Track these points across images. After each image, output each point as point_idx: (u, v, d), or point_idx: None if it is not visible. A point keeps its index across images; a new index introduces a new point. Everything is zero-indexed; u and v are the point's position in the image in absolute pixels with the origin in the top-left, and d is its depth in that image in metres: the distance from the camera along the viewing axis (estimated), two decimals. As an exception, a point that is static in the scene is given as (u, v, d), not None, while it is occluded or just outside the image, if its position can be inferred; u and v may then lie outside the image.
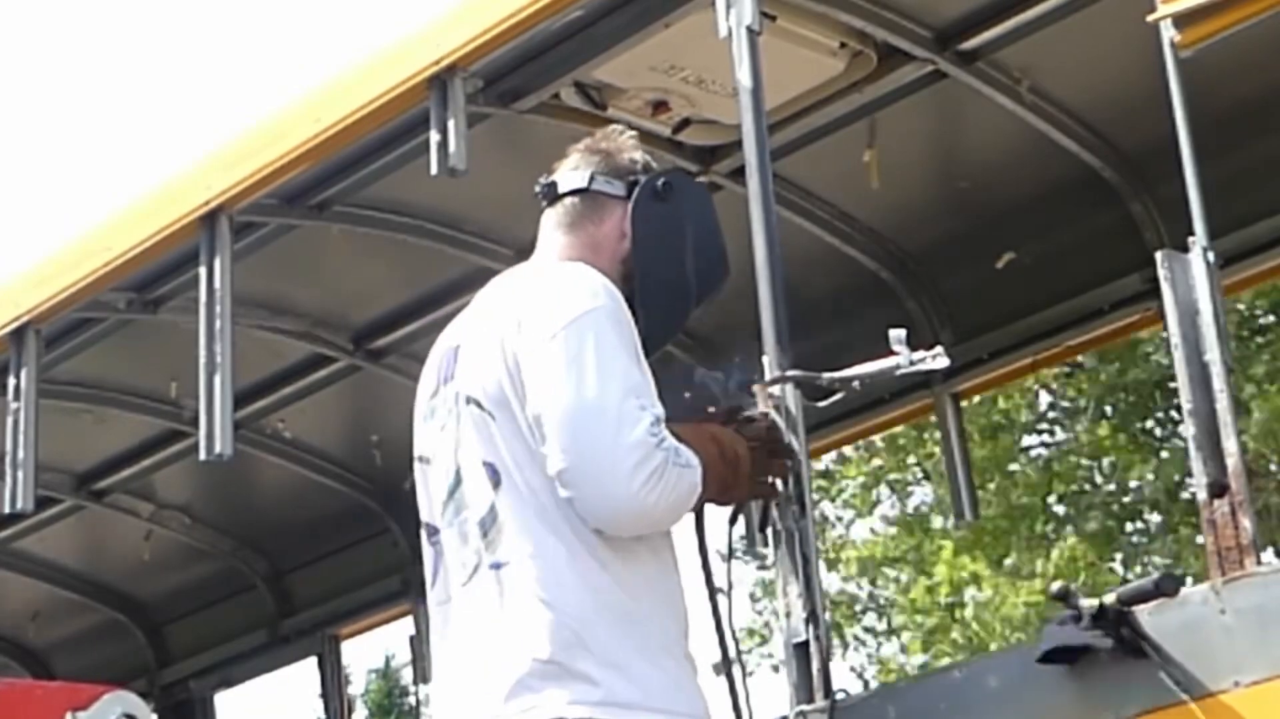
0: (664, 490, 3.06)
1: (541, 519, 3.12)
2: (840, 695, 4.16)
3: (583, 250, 3.47)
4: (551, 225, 3.57)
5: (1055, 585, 4.05)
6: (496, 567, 3.18)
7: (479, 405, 3.22)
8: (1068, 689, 3.89)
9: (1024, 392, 15.90)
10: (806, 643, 4.19)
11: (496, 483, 3.17)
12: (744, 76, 4.73)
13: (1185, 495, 15.66)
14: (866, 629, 19.59)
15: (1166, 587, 3.86)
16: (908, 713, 4.14)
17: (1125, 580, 15.29)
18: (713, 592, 3.43)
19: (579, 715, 3.04)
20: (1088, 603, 3.88)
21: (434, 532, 3.37)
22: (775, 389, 3.76)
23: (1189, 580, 4.41)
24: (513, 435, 3.17)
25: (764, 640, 19.28)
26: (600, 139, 3.66)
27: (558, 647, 3.06)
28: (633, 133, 3.71)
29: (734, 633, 3.47)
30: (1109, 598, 3.90)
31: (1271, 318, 15.07)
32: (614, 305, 3.25)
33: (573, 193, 3.55)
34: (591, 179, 3.55)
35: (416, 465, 3.45)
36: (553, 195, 3.57)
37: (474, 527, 3.22)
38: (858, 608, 19.46)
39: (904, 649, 18.17)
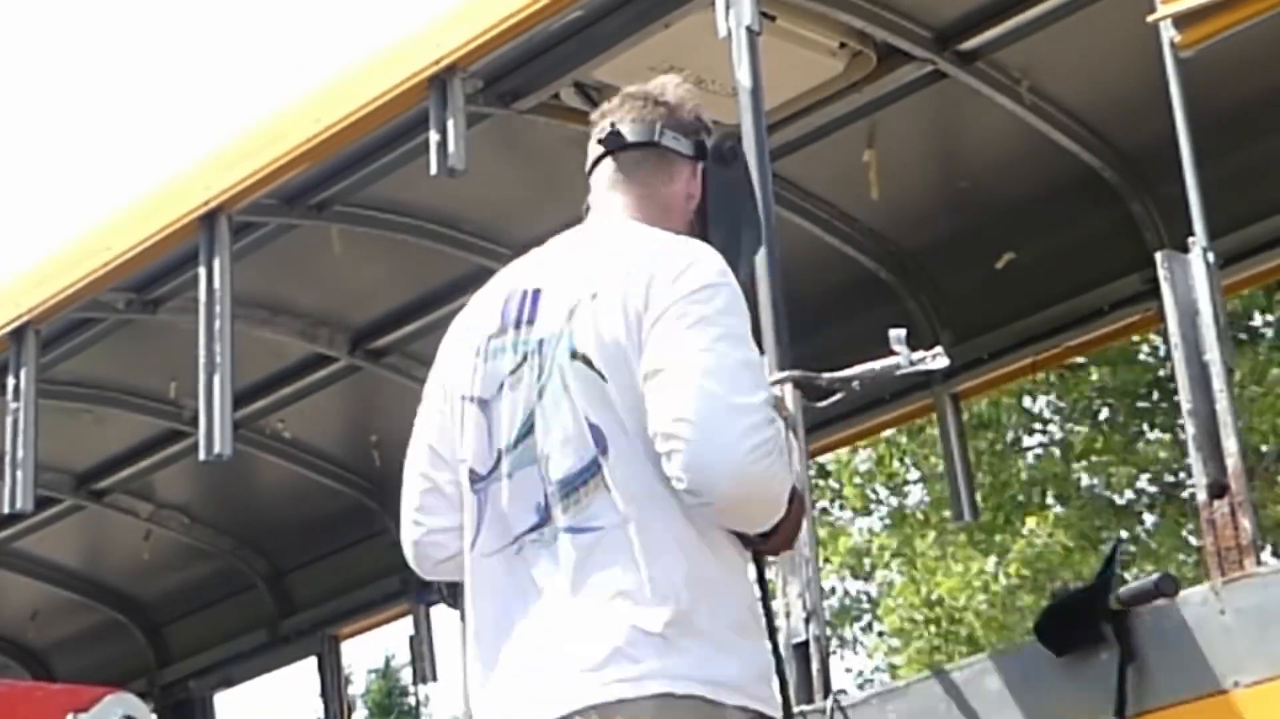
0: (768, 466, 2.93)
1: (651, 490, 2.97)
2: (840, 695, 4.16)
3: (654, 210, 3.29)
4: (615, 180, 3.35)
5: (1055, 586, 4.06)
6: (581, 530, 3.00)
7: (589, 364, 3.04)
8: (1068, 689, 3.89)
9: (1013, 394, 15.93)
10: (806, 643, 4.19)
11: (603, 447, 3.00)
12: (744, 76, 4.74)
13: (1182, 495, 15.69)
14: (865, 629, 19.60)
15: (1166, 587, 3.86)
16: (908, 713, 4.14)
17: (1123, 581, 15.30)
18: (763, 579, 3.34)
19: (687, 691, 2.91)
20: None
21: (479, 478, 3.18)
22: (775, 390, 3.70)
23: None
24: (628, 399, 3.00)
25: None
26: (660, 91, 3.44)
27: (664, 619, 2.93)
28: (689, 84, 3.49)
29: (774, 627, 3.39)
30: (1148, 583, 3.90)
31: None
32: (735, 285, 3.11)
33: (639, 145, 3.34)
34: (661, 133, 3.34)
35: (461, 404, 3.22)
36: (618, 144, 3.35)
37: (552, 484, 3.04)
38: (850, 607, 19.48)
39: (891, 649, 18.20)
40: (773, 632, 3.27)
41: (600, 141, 3.39)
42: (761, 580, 3.22)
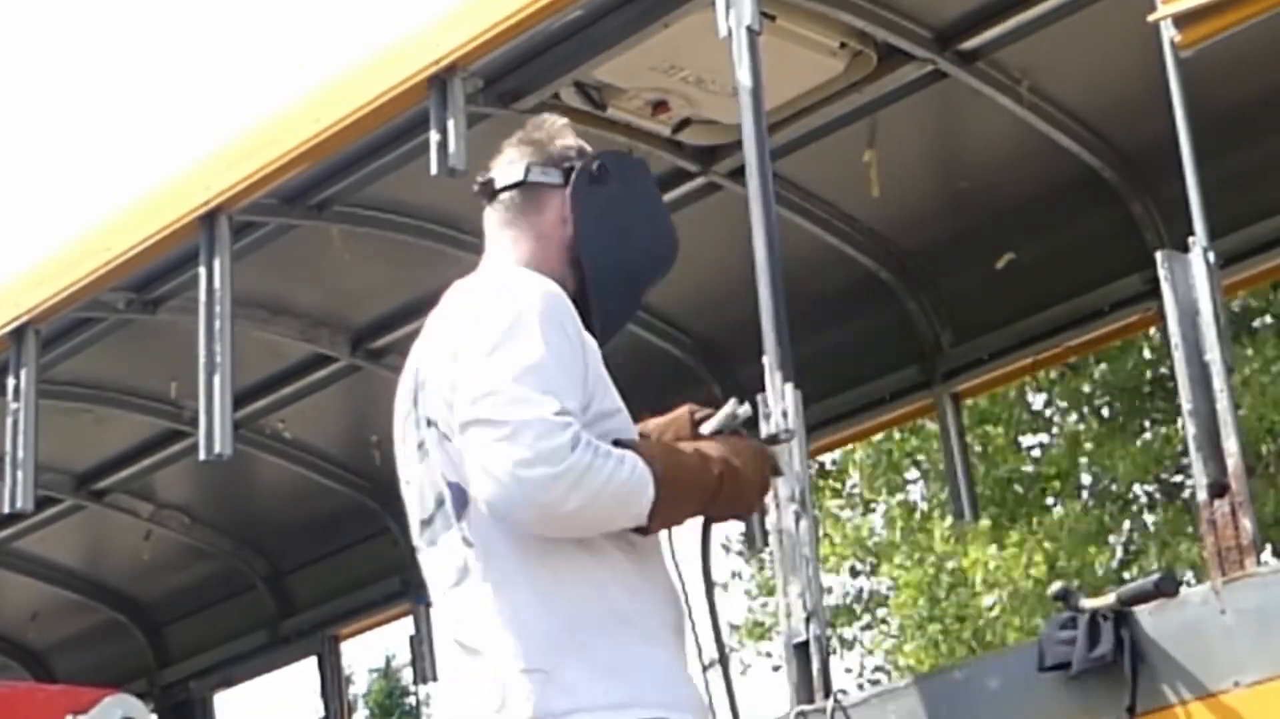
0: (570, 484, 3.03)
1: (503, 532, 3.13)
2: (840, 695, 4.16)
3: (529, 244, 3.45)
4: (496, 224, 3.54)
5: (1055, 587, 4.06)
6: (471, 579, 3.19)
7: (436, 427, 3.24)
8: (1068, 690, 3.89)
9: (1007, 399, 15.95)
10: (806, 643, 4.19)
11: (464, 501, 3.17)
12: (744, 76, 4.74)
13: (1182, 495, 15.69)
14: (865, 628, 19.58)
15: (1166, 587, 3.86)
16: (908, 713, 4.14)
17: (1121, 579, 15.30)
18: (710, 588, 3.40)
19: None
20: (1089, 603, 3.88)
21: (420, 550, 3.36)
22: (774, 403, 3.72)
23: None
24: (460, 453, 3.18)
25: (763, 636, 19.27)
26: (531, 129, 3.58)
27: (538, 654, 3.06)
28: (563, 119, 3.60)
29: (720, 631, 3.43)
30: (1109, 598, 3.91)
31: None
32: (544, 305, 3.22)
33: (510, 187, 3.50)
34: (527, 170, 3.49)
35: (404, 486, 3.44)
36: (490, 192, 3.53)
37: (457, 542, 3.21)
38: (852, 605, 19.47)
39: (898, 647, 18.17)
40: (717, 631, 3.33)
41: (477, 194, 3.56)
42: (709, 584, 3.30)
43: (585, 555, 3.13)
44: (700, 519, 3.34)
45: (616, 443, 3.15)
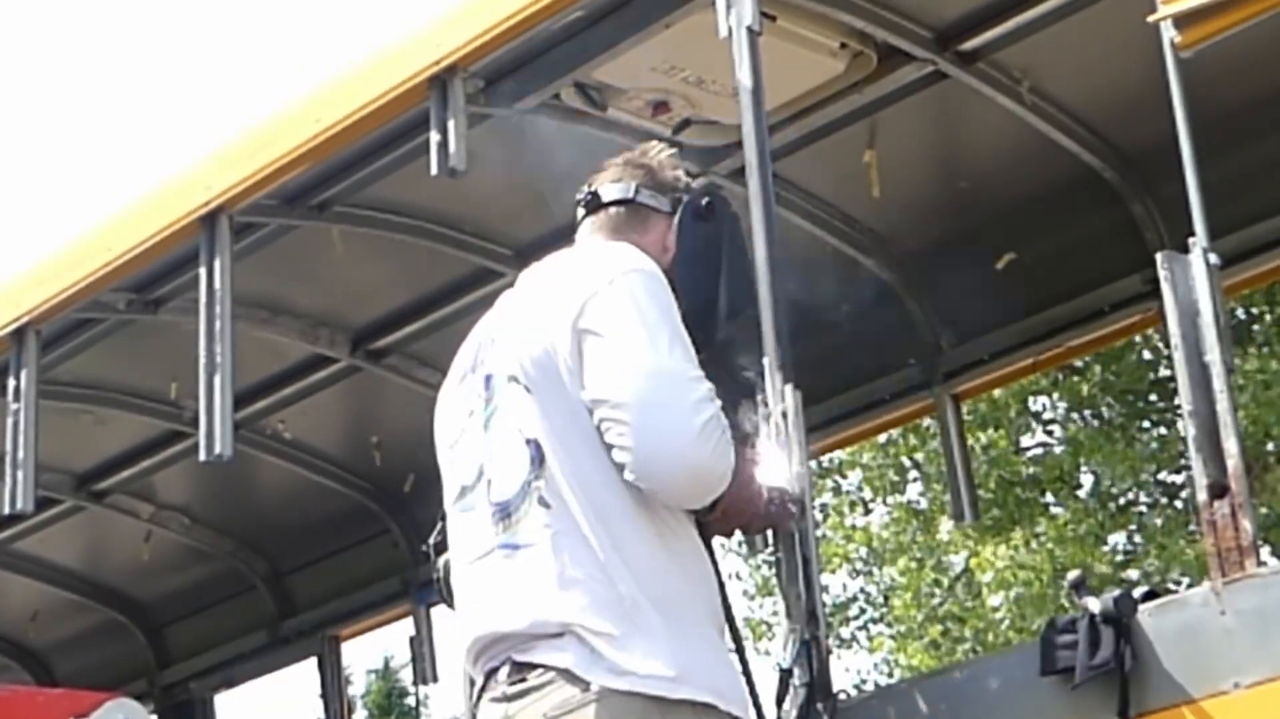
0: (715, 446, 3.09)
1: (588, 498, 3.13)
2: (841, 696, 4.16)
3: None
4: (591, 230, 3.58)
5: (1072, 574, 4.06)
6: (512, 547, 3.18)
7: (517, 383, 3.23)
8: (1068, 690, 3.89)
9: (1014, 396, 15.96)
10: (807, 643, 4.19)
11: (539, 460, 3.17)
12: (744, 76, 4.73)
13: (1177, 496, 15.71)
14: (861, 628, 19.60)
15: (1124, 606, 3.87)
16: (908, 713, 4.14)
17: (1121, 581, 15.32)
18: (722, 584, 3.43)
19: (621, 688, 3.05)
20: (1094, 601, 3.88)
21: (454, 514, 3.38)
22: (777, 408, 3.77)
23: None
24: (556, 411, 3.17)
25: (763, 636, 19.29)
26: (640, 155, 3.68)
27: (607, 619, 3.08)
28: (672, 150, 3.72)
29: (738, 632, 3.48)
30: (1108, 599, 3.90)
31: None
32: (654, 271, 3.28)
33: (617, 203, 3.56)
34: (637, 191, 3.56)
35: (444, 450, 3.45)
36: (595, 204, 3.57)
37: (494, 507, 3.23)
38: (853, 607, 19.48)
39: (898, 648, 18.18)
40: (735, 631, 3.37)
41: (580, 204, 3.61)
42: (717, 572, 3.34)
43: (652, 535, 3.15)
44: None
45: None
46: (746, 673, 3.38)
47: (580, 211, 3.61)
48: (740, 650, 3.39)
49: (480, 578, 3.25)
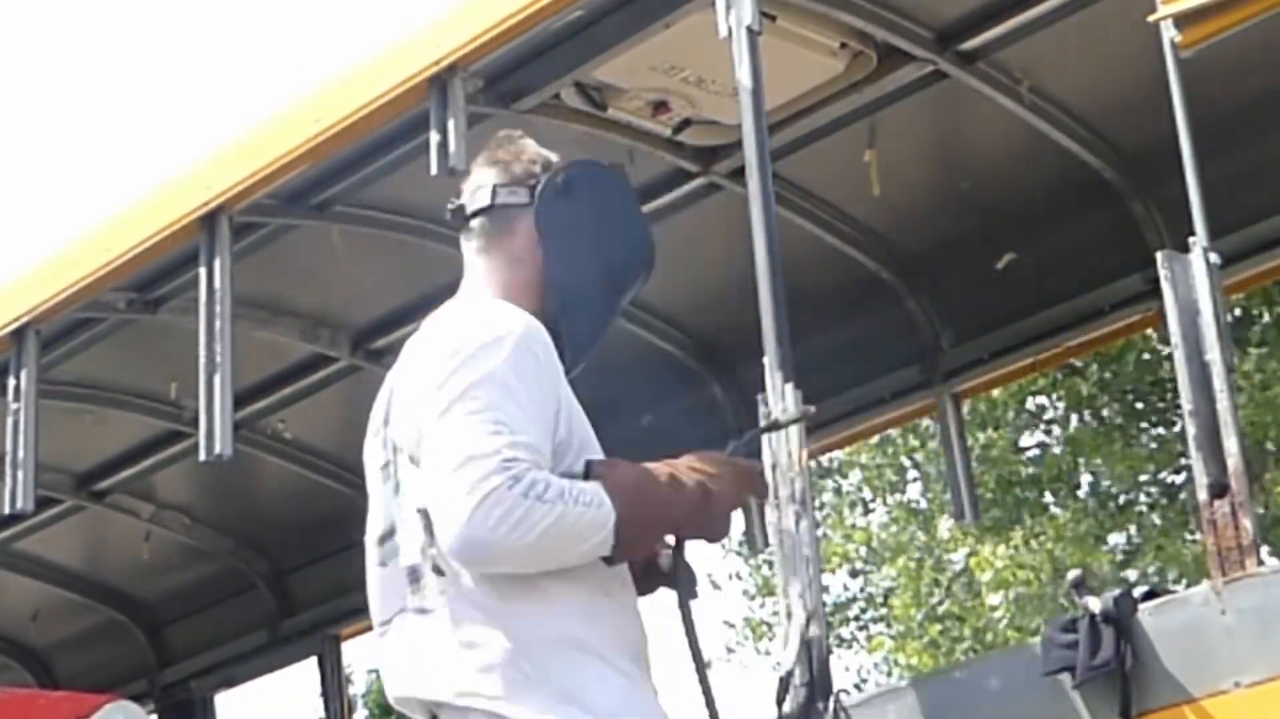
0: (506, 521, 2.99)
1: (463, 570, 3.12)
2: (841, 695, 4.16)
3: (504, 270, 3.43)
4: (471, 251, 3.54)
5: (1073, 574, 4.06)
6: (420, 612, 3.17)
7: (407, 455, 3.22)
8: (1068, 690, 3.89)
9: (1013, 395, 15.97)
10: (807, 643, 4.19)
11: (429, 528, 3.13)
12: (744, 76, 4.73)
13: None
14: (861, 628, 19.61)
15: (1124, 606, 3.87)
16: (908, 713, 4.14)
17: (1122, 580, 15.32)
18: (685, 605, 3.35)
19: None
20: (1094, 601, 3.88)
21: (369, 567, 3.36)
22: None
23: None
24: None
25: (763, 636, 19.31)
26: (495, 148, 3.54)
27: (491, 684, 3.06)
28: (519, 133, 3.57)
29: (699, 650, 3.39)
30: (1109, 599, 3.91)
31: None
32: (516, 342, 3.18)
33: (479, 212, 3.50)
34: (494, 194, 3.47)
35: (370, 494, 3.45)
36: (461, 220, 3.52)
37: (403, 571, 3.20)
38: (853, 607, 19.50)
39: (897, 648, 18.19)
40: (696, 652, 3.29)
41: (449, 223, 3.56)
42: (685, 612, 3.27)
43: (547, 585, 3.09)
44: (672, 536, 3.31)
45: (587, 465, 3.13)
46: (706, 690, 3.31)
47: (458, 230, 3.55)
48: (702, 674, 3.31)
49: (396, 638, 3.23)
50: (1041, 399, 16.60)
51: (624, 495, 3.10)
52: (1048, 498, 16.68)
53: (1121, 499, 16.54)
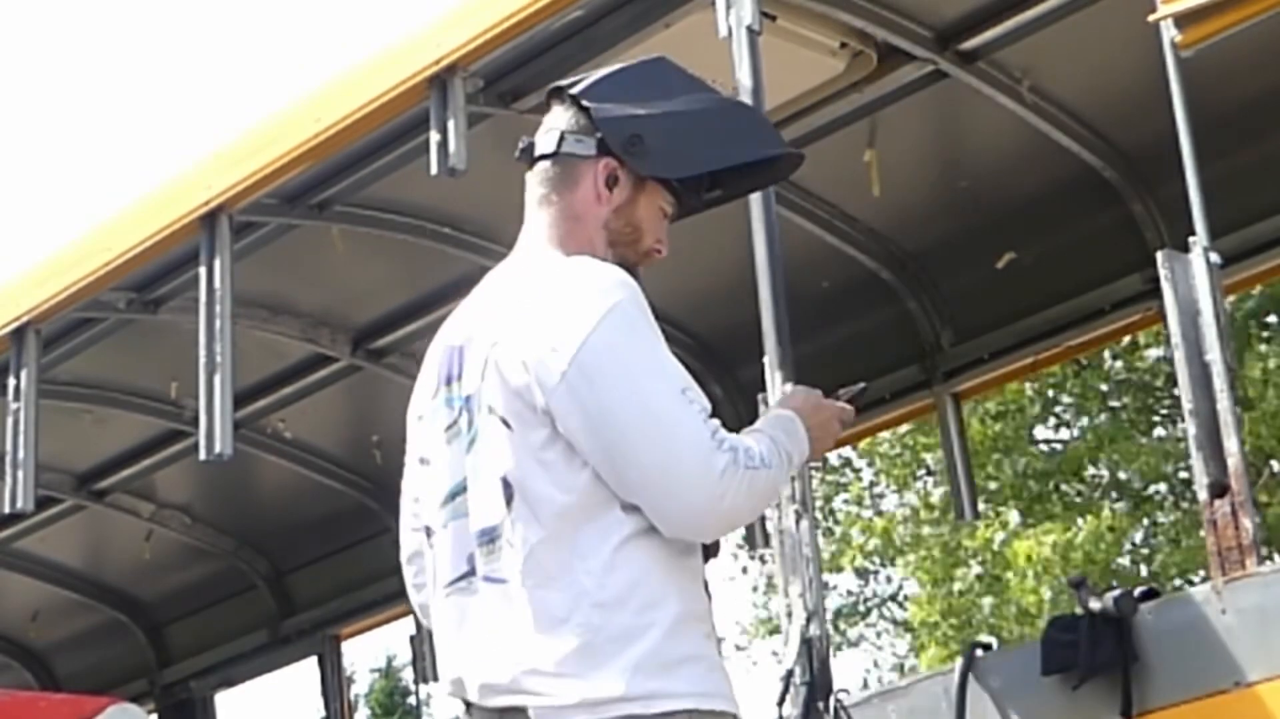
0: (736, 492, 3.02)
1: (540, 543, 3.07)
2: (842, 695, 4.16)
3: (566, 225, 3.31)
4: (533, 199, 3.40)
5: (1072, 575, 4.06)
6: (494, 580, 3.13)
7: (496, 415, 3.11)
8: (1069, 689, 3.89)
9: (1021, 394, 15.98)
10: (808, 642, 4.19)
11: (509, 497, 3.09)
12: (744, 76, 4.74)
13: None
14: (870, 625, 19.61)
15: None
16: (909, 712, 4.14)
17: (1139, 577, 15.31)
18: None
19: (603, 717, 3.00)
20: (1095, 601, 3.88)
21: (430, 533, 3.34)
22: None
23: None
24: (525, 450, 3.07)
25: (771, 633, 19.30)
26: (571, 87, 3.41)
27: (559, 654, 3.03)
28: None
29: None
30: (1109, 599, 3.91)
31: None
32: (630, 295, 3.11)
33: (544, 157, 3.36)
34: (561, 140, 3.33)
35: (415, 466, 3.41)
36: (528, 158, 3.39)
37: (473, 534, 3.16)
38: (863, 603, 19.50)
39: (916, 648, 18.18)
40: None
41: (518, 159, 3.43)
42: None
43: (629, 557, 3.08)
44: None
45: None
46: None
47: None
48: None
49: (464, 605, 3.20)
50: (1055, 393, 16.62)
51: (785, 444, 3.19)
52: (1063, 490, 16.69)
53: (1140, 494, 16.55)
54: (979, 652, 4.20)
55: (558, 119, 3.38)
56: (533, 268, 3.29)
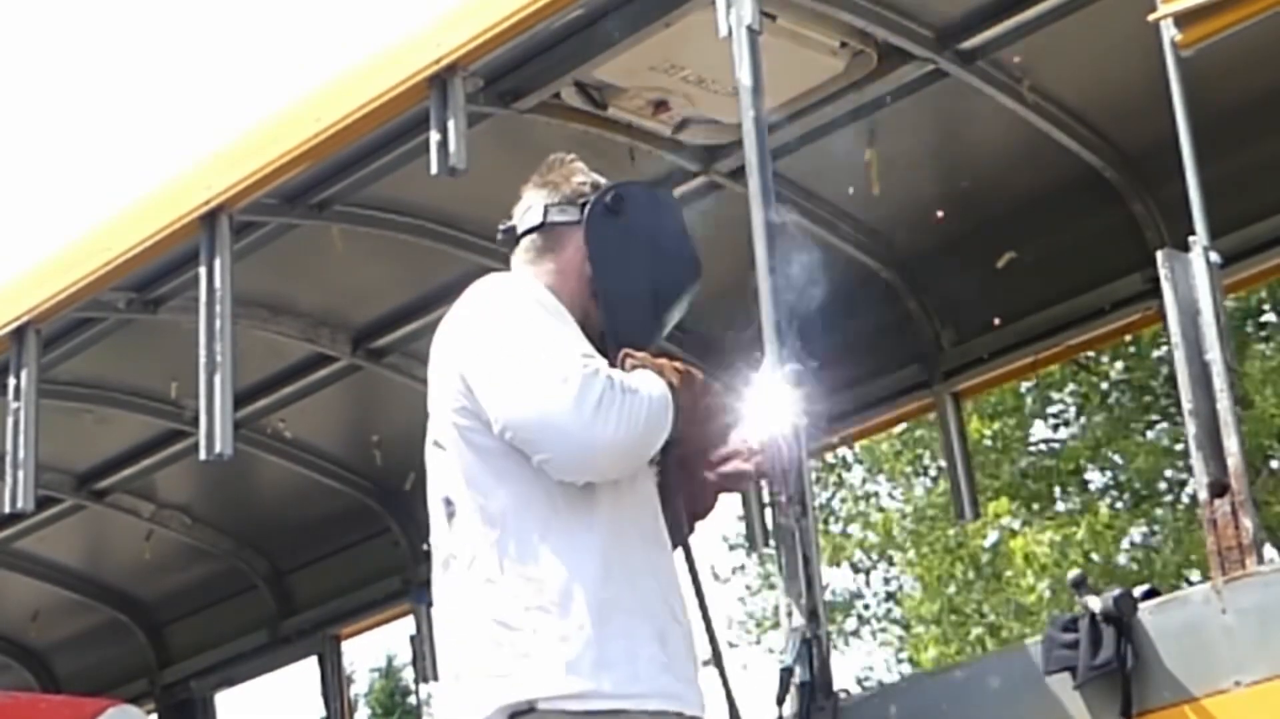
0: (619, 418, 3.12)
1: (484, 528, 3.21)
2: (842, 695, 4.16)
3: (549, 279, 3.53)
4: (518, 262, 3.62)
5: (1073, 574, 4.07)
6: (451, 589, 3.32)
7: (436, 443, 3.36)
8: (1069, 689, 3.89)
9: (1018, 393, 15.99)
10: (808, 641, 4.19)
11: (451, 514, 3.29)
12: (744, 76, 4.74)
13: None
14: (864, 623, 19.60)
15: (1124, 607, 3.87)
16: (909, 712, 4.14)
17: (1139, 575, 15.31)
18: (700, 590, 3.44)
19: (525, 698, 3.13)
20: (1095, 600, 3.88)
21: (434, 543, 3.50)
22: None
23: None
24: (457, 459, 3.29)
25: (773, 627, 19.30)
26: (547, 171, 3.69)
27: (495, 648, 3.17)
28: (573, 157, 3.74)
29: (714, 631, 3.49)
30: (1109, 598, 3.90)
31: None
32: (526, 290, 3.39)
33: (530, 231, 3.59)
34: (546, 212, 3.58)
35: None
36: (512, 239, 3.62)
37: (439, 551, 3.36)
38: (863, 600, 19.50)
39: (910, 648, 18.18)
40: (711, 631, 3.40)
41: (501, 243, 3.67)
42: (698, 587, 3.36)
43: (566, 548, 3.16)
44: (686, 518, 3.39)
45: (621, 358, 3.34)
46: (719, 663, 3.41)
47: (506, 250, 3.68)
48: (716, 651, 3.41)
49: (439, 608, 3.40)
50: (1055, 391, 16.63)
51: (661, 374, 3.32)
52: (1065, 488, 16.70)
53: (1141, 492, 16.56)
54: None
55: (534, 199, 3.66)
56: (467, 293, 3.52)
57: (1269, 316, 15.56)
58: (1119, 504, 16.41)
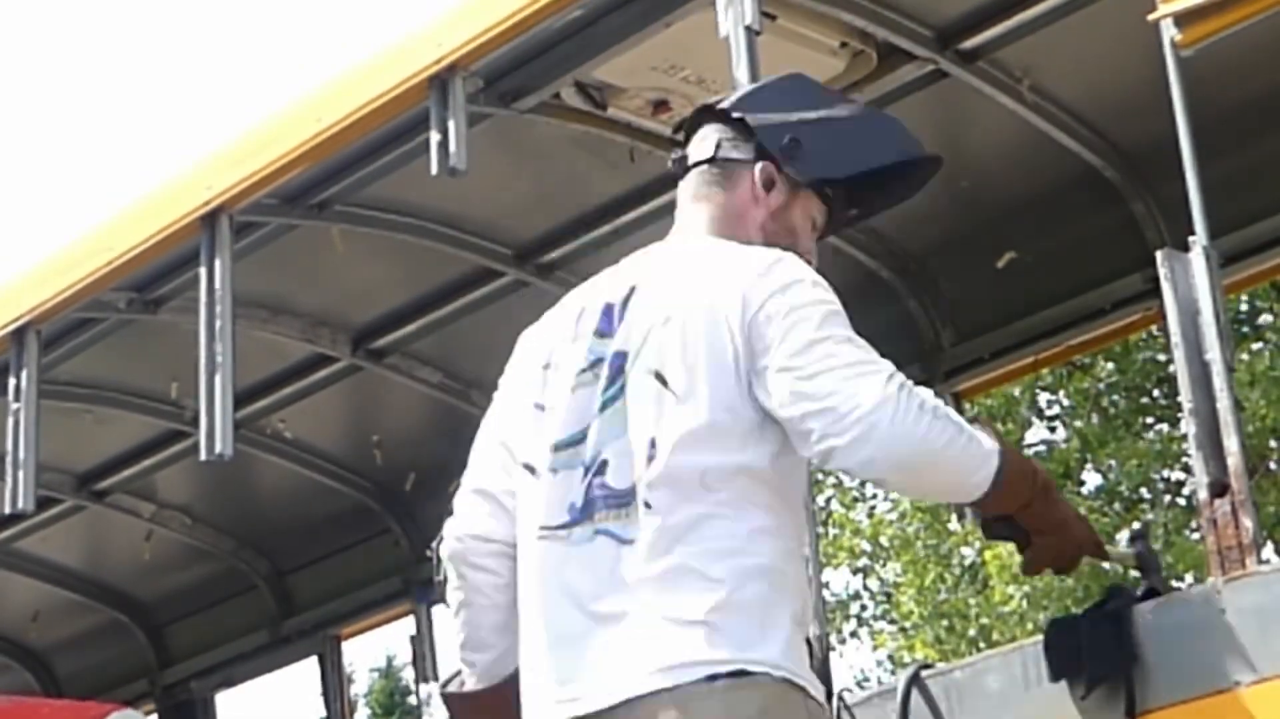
0: (925, 423, 3.06)
1: (689, 512, 3.07)
2: (843, 693, 4.16)
3: (726, 222, 3.42)
4: (687, 198, 3.48)
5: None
6: (619, 540, 3.12)
7: (663, 381, 3.15)
8: (1070, 689, 3.89)
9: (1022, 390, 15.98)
10: (808, 641, 4.19)
11: (651, 458, 3.10)
12: (744, 76, 4.74)
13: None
14: (861, 624, 19.61)
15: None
16: (910, 711, 4.14)
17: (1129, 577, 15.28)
18: None
19: (728, 669, 3.02)
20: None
21: (532, 472, 3.28)
22: None
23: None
24: (693, 417, 3.11)
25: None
26: (721, 101, 3.57)
27: (702, 608, 3.04)
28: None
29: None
30: (1113, 599, 3.90)
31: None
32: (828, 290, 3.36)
33: (701, 163, 3.46)
34: (718, 146, 3.45)
35: (521, 410, 3.35)
36: (683, 168, 3.49)
37: (602, 490, 3.16)
38: (860, 601, 19.50)
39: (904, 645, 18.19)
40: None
41: (671, 166, 3.52)
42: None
43: (743, 530, 3.11)
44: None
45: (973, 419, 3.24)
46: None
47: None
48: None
49: (562, 554, 3.18)
50: (1048, 394, 16.63)
51: (1006, 449, 3.19)
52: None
53: (1130, 495, 16.55)
54: (924, 671, 4.20)
55: (709, 129, 3.49)
56: (716, 250, 3.36)
57: (1266, 317, 15.56)
58: (1110, 508, 16.41)
